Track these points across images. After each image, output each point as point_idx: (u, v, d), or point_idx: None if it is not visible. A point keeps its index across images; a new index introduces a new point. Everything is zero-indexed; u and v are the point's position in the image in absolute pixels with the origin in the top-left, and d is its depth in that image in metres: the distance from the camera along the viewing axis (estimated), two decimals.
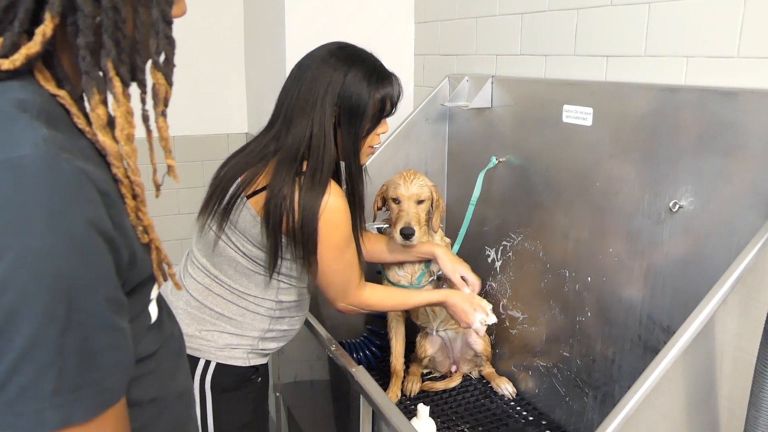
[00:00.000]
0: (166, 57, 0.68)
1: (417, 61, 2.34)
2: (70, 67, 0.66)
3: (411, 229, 1.56)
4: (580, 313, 1.55)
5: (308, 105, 1.33)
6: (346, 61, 1.36)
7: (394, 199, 1.62)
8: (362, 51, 1.41)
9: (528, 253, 1.73)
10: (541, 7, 1.68)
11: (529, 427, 1.63)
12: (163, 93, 0.69)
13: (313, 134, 1.32)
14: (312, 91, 1.33)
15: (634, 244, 1.40)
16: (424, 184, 1.63)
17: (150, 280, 0.72)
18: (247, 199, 1.33)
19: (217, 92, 2.68)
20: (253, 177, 1.34)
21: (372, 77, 1.36)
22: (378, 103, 1.37)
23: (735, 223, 1.18)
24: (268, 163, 1.35)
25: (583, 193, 1.52)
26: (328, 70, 1.34)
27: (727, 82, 1.23)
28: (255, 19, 2.53)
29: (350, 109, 1.34)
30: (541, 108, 1.63)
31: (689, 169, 1.26)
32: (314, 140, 1.33)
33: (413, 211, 1.59)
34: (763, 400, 0.97)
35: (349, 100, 1.33)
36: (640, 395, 0.97)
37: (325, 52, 1.38)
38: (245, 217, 1.34)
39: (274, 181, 1.31)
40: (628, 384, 1.04)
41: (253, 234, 1.34)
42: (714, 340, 1.04)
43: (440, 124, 2.05)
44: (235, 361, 1.39)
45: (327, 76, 1.34)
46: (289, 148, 1.33)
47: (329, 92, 1.33)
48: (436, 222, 1.67)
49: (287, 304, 1.43)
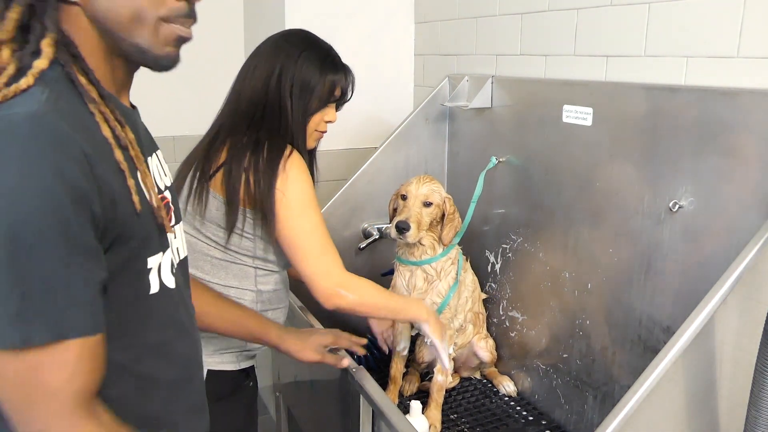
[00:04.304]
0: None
1: (417, 61, 2.34)
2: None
3: (407, 224, 1.54)
4: (580, 314, 1.55)
5: (263, 78, 1.37)
6: (303, 41, 1.41)
7: (403, 196, 1.61)
8: (319, 38, 1.45)
9: (528, 253, 1.73)
10: (541, 7, 1.68)
11: (529, 427, 1.63)
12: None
13: (267, 102, 1.36)
14: (268, 66, 1.37)
15: (634, 244, 1.40)
16: (436, 190, 1.60)
17: (144, 247, 0.77)
18: (208, 181, 1.35)
19: (217, 92, 2.67)
20: (209, 158, 1.36)
21: (326, 60, 1.40)
22: (328, 85, 1.39)
23: (735, 223, 1.18)
24: (225, 141, 1.37)
25: (583, 193, 1.52)
26: (283, 48, 1.38)
27: (727, 82, 1.23)
28: (255, 20, 2.53)
29: (302, 83, 1.37)
30: (541, 108, 1.63)
31: (689, 169, 1.26)
32: (269, 107, 1.36)
33: (416, 210, 1.58)
34: (763, 400, 0.96)
35: (301, 75, 1.36)
36: (640, 395, 0.97)
37: (280, 35, 1.43)
38: (211, 204, 1.35)
39: (231, 153, 1.33)
40: (628, 384, 1.04)
41: (221, 219, 1.35)
42: (714, 340, 1.04)
43: (440, 124, 2.05)
44: (226, 365, 1.39)
45: (283, 53, 1.38)
46: (242, 118, 1.36)
47: (285, 65, 1.36)
48: (448, 235, 1.62)
49: (267, 294, 1.42)
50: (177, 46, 0.79)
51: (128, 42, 0.76)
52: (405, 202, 1.60)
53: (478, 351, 1.78)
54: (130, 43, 0.76)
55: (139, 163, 0.76)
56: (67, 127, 0.66)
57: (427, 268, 1.64)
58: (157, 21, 0.75)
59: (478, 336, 1.78)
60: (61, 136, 0.65)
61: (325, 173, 2.30)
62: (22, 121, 0.64)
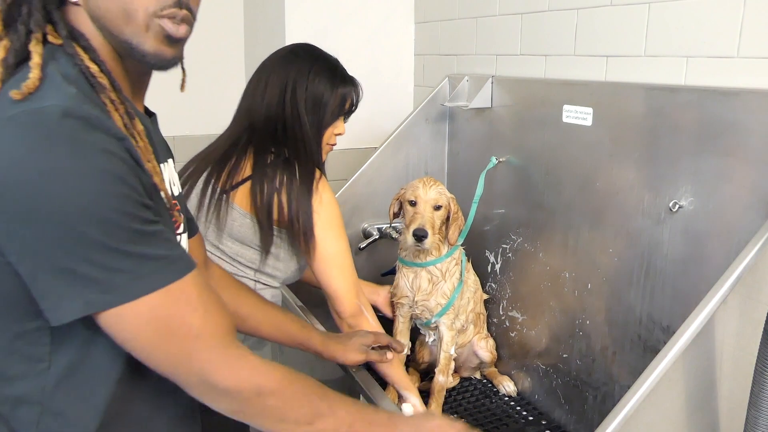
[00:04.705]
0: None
1: (417, 61, 2.34)
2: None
3: (424, 231, 1.53)
4: (580, 314, 1.55)
5: (277, 94, 1.37)
6: (311, 55, 1.42)
7: (411, 202, 1.59)
8: (324, 51, 1.46)
9: (528, 253, 1.73)
10: (541, 7, 1.68)
11: (529, 427, 1.63)
12: None
13: (285, 117, 1.37)
14: (279, 82, 1.38)
15: (634, 244, 1.39)
16: (443, 192, 1.60)
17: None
18: (229, 194, 1.35)
19: (217, 92, 2.68)
20: (228, 171, 1.36)
21: (336, 73, 1.42)
22: (340, 98, 1.41)
23: (735, 223, 1.18)
24: (246, 154, 1.38)
25: (583, 193, 1.52)
26: (294, 63, 1.39)
27: (727, 82, 1.23)
28: (255, 19, 2.53)
29: (314, 98, 1.38)
30: (541, 108, 1.63)
31: (689, 169, 1.26)
32: (288, 123, 1.37)
33: (428, 215, 1.56)
34: (763, 400, 0.96)
35: (313, 89, 1.37)
36: (640, 395, 0.97)
37: (287, 50, 1.44)
38: (233, 217, 1.35)
39: (258, 170, 1.34)
40: (628, 384, 1.04)
41: (242, 233, 1.34)
42: (714, 340, 1.04)
43: (440, 124, 2.05)
44: None
45: (294, 67, 1.39)
46: (263, 134, 1.36)
47: (298, 81, 1.37)
48: (453, 234, 1.62)
49: None
50: (170, 44, 0.78)
51: (120, 39, 0.76)
52: (415, 208, 1.58)
53: (479, 351, 1.78)
54: (122, 40, 0.76)
55: (148, 155, 0.78)
56: (101, 114, 0.70)
57: (432, 269, 1.64)
58: (147, 17, 0.75)
59: (478, 336, 1.79)
60: (99, 121, 0.69)
61: (325, 173, 2.31)
62: (60, 112, 0.67)
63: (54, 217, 0.66)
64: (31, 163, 0.65)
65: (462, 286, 1.66)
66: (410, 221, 1.57)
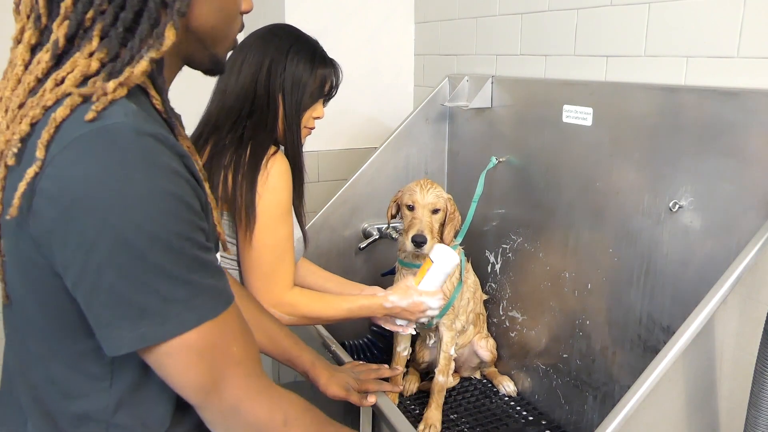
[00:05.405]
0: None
1: (417, 61, 2.34)
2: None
3: (423, 237, 1.52)
4: (580, 314, 1.55)
5: (252, 72, 1.33)
6: (290, 35, 1.38)
7: (409, 206, 1.59)
8: (304, 32, 1.42)
9: (528, 253, 1.73)
10: (541, 7, 1.68)
11: (529, 427, 1.63)
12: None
13: (256, 96, 1.33)
14: (256, 61, 1.34)
15: (634, 244, 1.40)
16: (440, 195, 1.59)
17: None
18: None
19: None
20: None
21: (315, 54, 1.37)
22: (319, 80, 1.37)
23: (735, 223, 1.18)
24: (208, 140, 1.34)
25: (583, 193, 1.52)
26: (272, 42, 1.35)
27: (727, 82, 1.23)
28: (255, 19, 2.53)
29: (293, 78, 1.34)
30: (541, 108, 1.63)
31: (689, 169, 1.26)
32: (258, 102, 1.32)
33: (427, 220, 1.56)
34: (763, 400, 0.96)
35: (292, 70, 1.33)
36: (640, 395, 0.97)
37: (266, 30, 1.40)
38: None
39: (212, 152, 1.30)
40: (628, 384, 1.04)
41: None
42: (714, 340, 1.04)
43: (440, 124, 2.05)
44: None
45: (272, 47, 1.34)
46: (227, 114, 1.33)
47: (275, 60, 1.33)
48: (449, 234, 1.61)
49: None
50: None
51: (211, 52, 0.81)
52: (413, 212, 1.57)
53: (479, 350, 1.78)
54: (212, 53, 0.81)
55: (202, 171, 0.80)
56: (163, 130, 0.72)
57: None
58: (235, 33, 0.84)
59: (478, 336, 1.79)
60: (164, 138, 0.69)
61: (325, 173, 2.31)
62: (132, 130, 0.66)
63: (120, 241, 0.65)
64: (107, 183, 0.64)
65: (462, 286, 1.66)
66: (409, 226, 1.57)
